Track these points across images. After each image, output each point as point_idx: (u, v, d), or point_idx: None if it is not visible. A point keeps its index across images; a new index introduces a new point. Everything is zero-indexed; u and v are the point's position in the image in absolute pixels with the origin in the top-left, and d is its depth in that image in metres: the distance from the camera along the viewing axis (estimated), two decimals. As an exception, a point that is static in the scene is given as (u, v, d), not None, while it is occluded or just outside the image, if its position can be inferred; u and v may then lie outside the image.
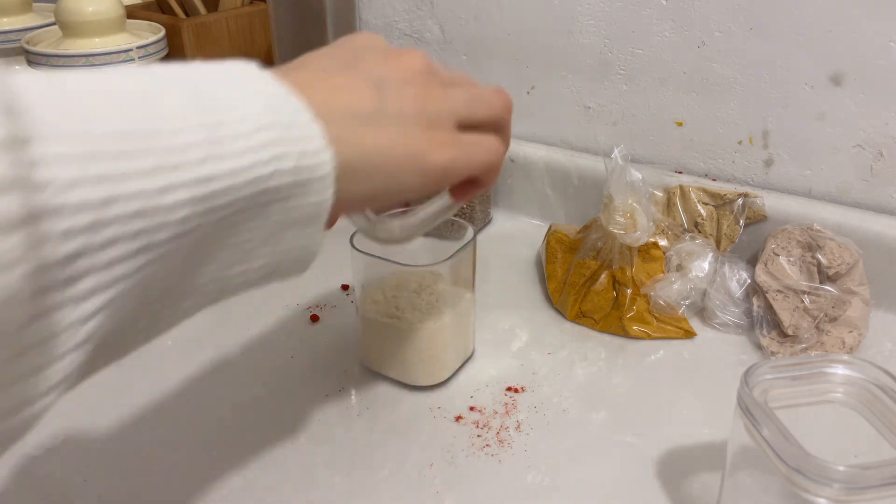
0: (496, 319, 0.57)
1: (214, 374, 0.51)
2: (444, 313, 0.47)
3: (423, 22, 0.73)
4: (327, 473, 0.43)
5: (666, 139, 0.66)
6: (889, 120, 0.57)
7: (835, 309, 0.52)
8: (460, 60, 0.73)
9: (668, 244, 0.59)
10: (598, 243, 0.57)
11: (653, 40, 0.63)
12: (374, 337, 0.49)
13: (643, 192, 0.54)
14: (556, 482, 0.42)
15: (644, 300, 0.55)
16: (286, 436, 0.45)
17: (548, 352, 0.53)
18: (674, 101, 0.64)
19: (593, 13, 0.64)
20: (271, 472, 0.43)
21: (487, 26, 0.70)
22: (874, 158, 0.58)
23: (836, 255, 0.53)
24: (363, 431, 0.46)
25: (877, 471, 0.30)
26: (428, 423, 0.46)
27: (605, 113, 0.68)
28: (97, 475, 0.43)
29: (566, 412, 0.48)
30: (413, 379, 0.49)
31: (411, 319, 0.47)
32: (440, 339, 0.48)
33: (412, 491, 0.42)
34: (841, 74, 0.57)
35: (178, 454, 0.44)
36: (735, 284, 0.56)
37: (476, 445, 0.45)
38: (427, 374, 0.49)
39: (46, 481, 0.43)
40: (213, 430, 0.46)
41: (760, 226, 0.60)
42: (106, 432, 0.46)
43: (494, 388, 0.50)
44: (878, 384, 0.35)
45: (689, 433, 0.46)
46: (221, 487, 0.42)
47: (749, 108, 0.61)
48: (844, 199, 0.60)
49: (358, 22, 0.76)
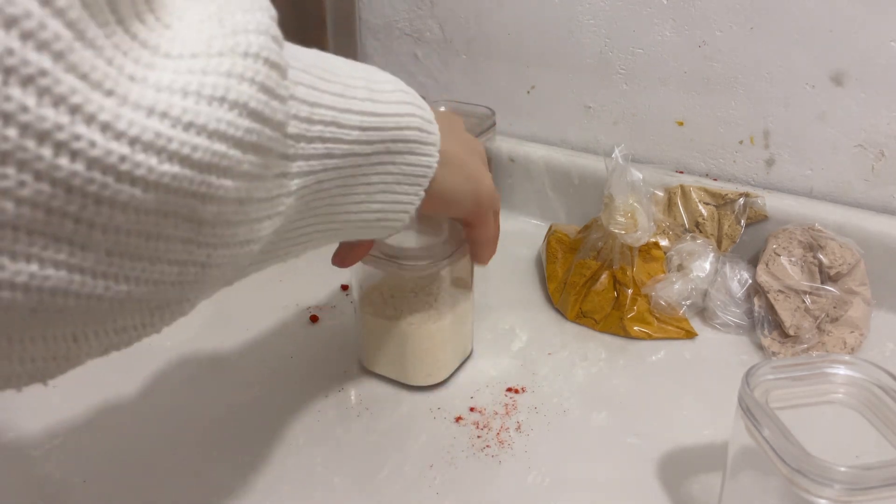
0: (496, 319, 0.57)
1: (214, 375, 0.51)
2: (442, 314, 0.47)
3: (424, 21, 0.73)
4: (327, 474, 0.43)
5: (666, 139, 0.66)
6: (890, 119, 0.56)
7: (836, 309, 0.52)
8: (460, 60, 0.73)
9: (668, 244, 0.59)
10: (599, 243, 0.56)
11: (653, 40, 0.63)
12: (373, 337, 0.49)
13: (644, 191, 0.54)
14: (556, 483, 0.42)
15: (645, 300, 0.55)
16: (286, 436, 0.45)
17: (548, 352, 0.53)
18: (674, 100, 0.64)
19: (593, 13, 0.64)
20: (271, 473, 0.43)
21: (487, 26, 0.70)
22: (875, 158, 0.58)
23: (838, 255, 0.53)
24: (363, 432, 0.46)
25: (878, 471, 0.30)
26: (428, 424, 0.46)
27: (605, 113, 0.68)
28: (97, 475, 0.43)
29: (566, 413, 0.47)
30: (411, 379, 0.49)
31: (410, 320, 0.47)
32: (438, 340, 0.48)
33: (412, 491, 0.41)
34: (842, 74, 0.57)
35: (178, 454, 0.44)
36: (736, 284, 0.56)
37: (476, 446, 0.45)
38: (425, 375, 0.49)
39: (46, 481, 0.42)
40: (212, 430, 0.46)
41: (761, 226, 0.60)
42: (106, 432, 0.46)
43: (494, 388, 0.49)
44: (879, 384, 0.35)
45: (689, 434, 0.46)
46: (221, 488, 0.42)
47: (750, 107, 0.61)
48: (845, 199, 0.60)
49: (358, 22, 0.75)
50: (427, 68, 0.75)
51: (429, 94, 0.75)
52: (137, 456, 0.44)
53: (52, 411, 0.47)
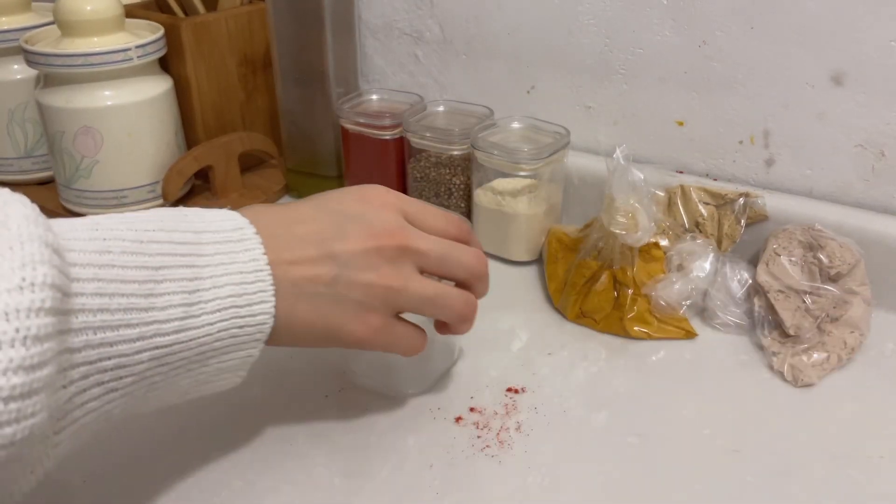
0: (496, 319, 0.57)
1: (214, 375, 0.51)
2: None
3: (423, 21, 0.73)
4: (327, 474, 0.43)
5: (666, 139, 0.66)
6: (890, 119, 0.56)
7: (836, 309, 0.52)
8: (460, 60, 0.73)
9: (668, 244, 0.59)
10: (599, 243, 0.56)
11: (653, 40, 0.63)
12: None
13: (644, 192, 0.54)
14: (556, 483, 0.42)
15: (645, 300, 0.55)
16: (285, 436, 0.45)
17: (548, 352, 0.53)
18: (674, 100, 0.64)
19: (593, 13, 0.64)
20: (271, 473, 0.43)
21: (487, 26, 0.70)
22: (875, 158, 0.58)
23: (838, 255, 0.53)
24: (363, 432, 0.46)
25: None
26: (428, 424, 0.46)
27: (605, 113, 0.68)
28: (97, 475, 0.43)
29: (566, 413, 0.47)
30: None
31: None
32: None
33: (412, 492, 0.41)
34: (842, 74, 0.57)
35: (178, 455, 0.44)
36: (736, 284, 0.56)
37: (476, 446, 0.44)
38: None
39: (46, 481, 0.42)
40: (212, 430, 0.46)
41: (761, 226, 0.60)
42: (105, 432, 0.46)
43: (494, 388, 0.49)
44: None
45: (689, 434, 0.46)
46: (221, 488, 0.42)
47: (750, 107, 0.61)
48: (845, 199, 0.60)
49: (357, 22, 0.75)
50: (427, 68, 0.75)
51: (429, 94, 0.75)
52: (137, 456, 0.44)
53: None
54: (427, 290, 0.39)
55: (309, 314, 0.36)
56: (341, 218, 0.37)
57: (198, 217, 0.34)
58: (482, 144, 0.61)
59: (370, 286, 0.36)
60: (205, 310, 0.32)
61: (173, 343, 0.31)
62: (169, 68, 0.71)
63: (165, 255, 0.31)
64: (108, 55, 0.64)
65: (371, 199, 0.39)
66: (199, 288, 0.32)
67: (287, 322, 0.35)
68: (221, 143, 0.72)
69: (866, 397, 0.49)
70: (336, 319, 0.36)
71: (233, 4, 0.75)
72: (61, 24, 0.66)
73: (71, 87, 0.65)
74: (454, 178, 0.66)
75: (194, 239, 0.33)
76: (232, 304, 0.33)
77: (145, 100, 0.67)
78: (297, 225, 0.37)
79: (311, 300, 0.35)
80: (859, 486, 0.42)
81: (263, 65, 0.77)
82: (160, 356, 0.31)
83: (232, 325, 0.33)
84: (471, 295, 0.42)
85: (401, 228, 0.38)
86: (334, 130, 0.71)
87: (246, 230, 0.35)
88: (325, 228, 0.37)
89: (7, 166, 0.77)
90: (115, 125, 0.66)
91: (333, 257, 0.36)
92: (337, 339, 0.37)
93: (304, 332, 0.36)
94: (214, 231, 0.34)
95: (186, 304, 0.31)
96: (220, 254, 0.33)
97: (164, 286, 0.31)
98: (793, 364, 0.50)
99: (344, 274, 0.36)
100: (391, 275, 0.37)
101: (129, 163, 0.68)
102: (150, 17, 0.71)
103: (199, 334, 0.32)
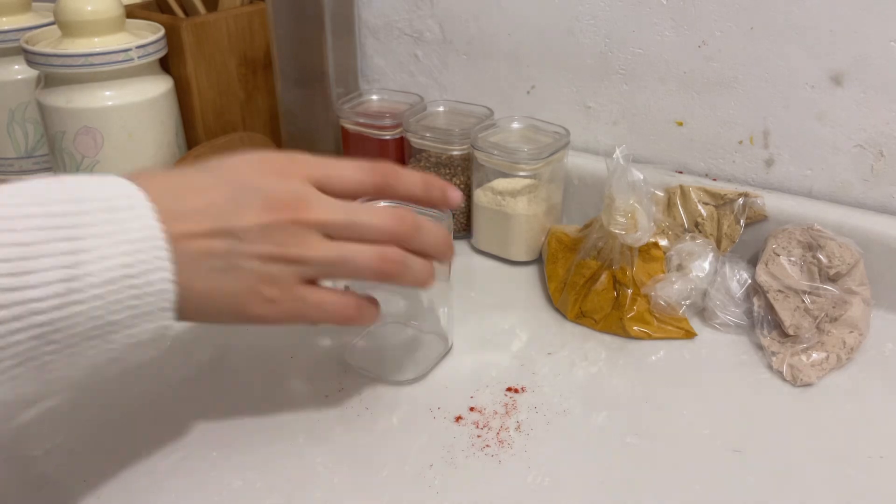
0: (496, 319, 0.57)
1: (214, 375, 0.51)
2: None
3: (423, 21, 0.73)
4: (327, 474, 0.43)
5: (666, 139, 0.66)
6: (890, 119, 0.57)
7: (836, 309, 0.52)
8: (460, 60, 0.73)
9: (668, 244, 0.59)
10: (599, 243, 0.56)
11: (653, 40, 0.63)
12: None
13: (644, 192, 0.54)
14: (556, 483, 0.42)
15: (644, 300, 0.55)
16: (285, 436, 0.45)
17: (548, 352, 0.53)
18: (674, 100, 0.64)
19: (593, 13, 0.64)
20: (271, 473, 0.43)
21: (487, 26, 0.70)
22: (875, 158, 0.58)
23: (837, 254, 0.53)
24: (363, 431, 0.46)
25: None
26: (428, 424, 0.46)
27: (605, 113, 0.68)
28: (97, 475, 0.43)
29: (566, 412, 0.47)
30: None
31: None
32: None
33: (412, 491, 0.41)
34: (841, 74, 0.57)
35: (178, 455, 0.44)
36: (735, 284, 0.56)
37: (476, 446, 0.45)
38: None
39: (46, 481, 0.42)
40: (212, 430, 0.46)
41: (761, 226, 0.60)
42: (106, 432, 0.46)
43: (494, 388, 0.49)
44: None
45: (689, 434, 0.46)
46: (221, 488, 0.42)
47: (749, 107, 0.61)
48: (845, 199, 0.60)
49: (357, 21, 0.75)
50: (427, 68, 0.75)
51: (429, 94, 0.75)
52: (137, 456, 0.44)
53: (53, 411, 0.47)
54: (329, 253, 0.37)
55: (206, 286, 0.35)
56: (237, 189, 0.36)
57: (77, 186, 0.32)
58: (482, 144, 0.61)
59: (266, 257, 0.35)
60: (91, 283, 0.30)
61: (55, 320, 0.29)
62: (169, 69, 0.72)
63: (39, 229, 0.29)
64: (109, 55, 0.64)
65: (271, 167, 0.37)
66: (82, 261, 0.30)
67: (188, 294, 0.34)
68: (221, 143, 0.72)
69: (865, 397, 0.49)
70: (232, 291, 0.35)
71: (233, 5, 0.75)
72: (62, 24, 0.66)
73: (71, 87, 0.65)
74: (454, 178, 0.66)
75: (74, 209, 0.31)
76: (125, 275, 0.31)
77: (146, 100, 0.67)
78: (191, 194, 0.35)
79: (208, 273, 0.34)
80: (858, 486, 0.42)
81: (263, 65, 0.77)
82: (43, 334, 0.29)
83: (128, 295, 0.31)
84: (387, 248, 0.38)
85: (298, 200, 0.36)
86: (334, 130, 0.71)
87: (134, 198, 0.33)
88: (220, 201, 0.35)
89: (7, 166, 0.77)
90: (115, 125, 0.66)
91: (228, 232, 0.35)
92: (239, 313, 0.36)
93: (207, 305, 0.35)
94: (98, 199, 0.32)
95: (66, 280, 0.29)
96: (107, 223, 0.31)
97: (38, 262, 0.29)
98: (792, 364, 0.50)
99: (238, 248, 0.35)
100: (288, 244, 0.35)
101: (129, 163, 0.68)
102: (151, 17, 0.72)
103: (85, 308, 0.30)
